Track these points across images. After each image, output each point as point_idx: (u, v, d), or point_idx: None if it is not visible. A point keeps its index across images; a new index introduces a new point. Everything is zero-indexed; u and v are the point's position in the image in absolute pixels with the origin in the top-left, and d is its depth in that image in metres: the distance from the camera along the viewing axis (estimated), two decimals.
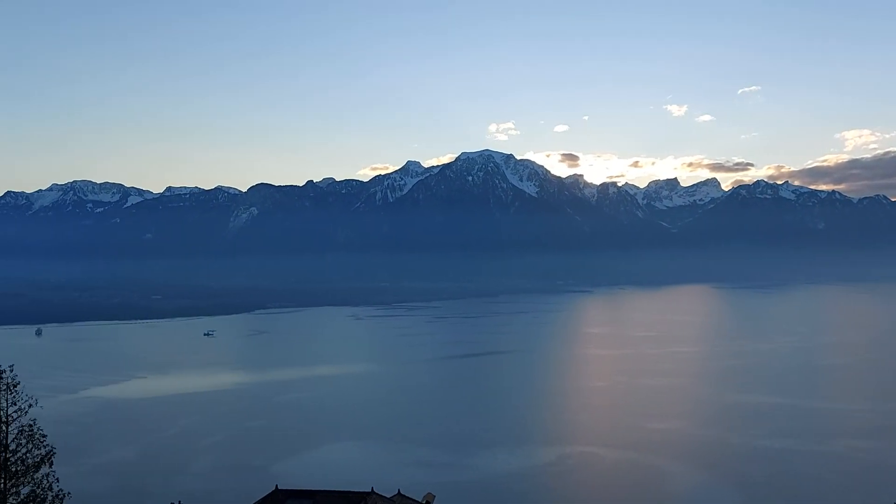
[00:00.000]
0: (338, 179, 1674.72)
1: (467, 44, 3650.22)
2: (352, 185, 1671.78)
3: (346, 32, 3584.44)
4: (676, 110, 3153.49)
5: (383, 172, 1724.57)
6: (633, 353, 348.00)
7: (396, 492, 65.04)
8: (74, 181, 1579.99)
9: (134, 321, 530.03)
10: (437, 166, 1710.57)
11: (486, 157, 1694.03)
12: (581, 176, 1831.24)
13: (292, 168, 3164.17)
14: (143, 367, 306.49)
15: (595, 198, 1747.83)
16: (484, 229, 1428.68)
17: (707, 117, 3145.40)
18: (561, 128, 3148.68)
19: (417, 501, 62.78)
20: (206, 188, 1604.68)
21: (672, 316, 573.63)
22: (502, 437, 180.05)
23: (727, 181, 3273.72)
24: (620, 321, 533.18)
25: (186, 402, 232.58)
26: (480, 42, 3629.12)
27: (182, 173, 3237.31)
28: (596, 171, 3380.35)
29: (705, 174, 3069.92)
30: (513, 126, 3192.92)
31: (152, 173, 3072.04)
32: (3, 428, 29.76)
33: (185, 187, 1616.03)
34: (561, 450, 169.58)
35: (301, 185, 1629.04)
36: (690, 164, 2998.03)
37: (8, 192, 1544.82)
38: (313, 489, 60.28)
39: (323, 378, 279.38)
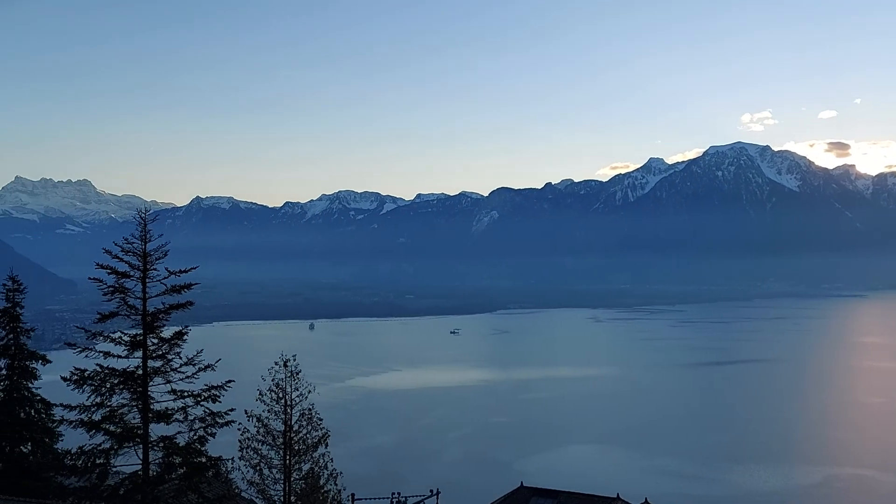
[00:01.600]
0: (576, 180, 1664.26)
1: (717, 32, 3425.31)
2: (590, 186, 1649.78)
3: (581, 28, 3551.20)
4: None
5: (623, 171, 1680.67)
6: None
7: (643, 500, 63.02)
8: (339, 191, 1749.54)
9: (390, 318, 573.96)
10: (682, 162, 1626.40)
11: (738, 149, 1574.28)
12: (852, 166, 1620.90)
13: (531, 171, 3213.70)
14: (398, 360, 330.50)
15: (870, 190, 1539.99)
16: (734, 228, 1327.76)
17: None
18: (827, 114, 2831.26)
19: None
20: (451, 194, 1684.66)
21: None
22: (759, 453, 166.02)
23: None
24: None
25: (436, 395, 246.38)
26: (733, 30, 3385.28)
27: (430, 180, 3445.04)
28: (870, 160, 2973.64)
29: None
30: (769, 115, 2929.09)
31: (405, 182, 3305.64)
32: (289, 410, 33.38)
33: (432, 194, 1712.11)
34: (829, 471, 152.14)
35: (539, 187, 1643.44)
36: None
37: (286, 203, 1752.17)
38: (557, 489, 60.59)
39: (564, 379, 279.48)
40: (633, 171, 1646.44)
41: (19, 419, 40.34)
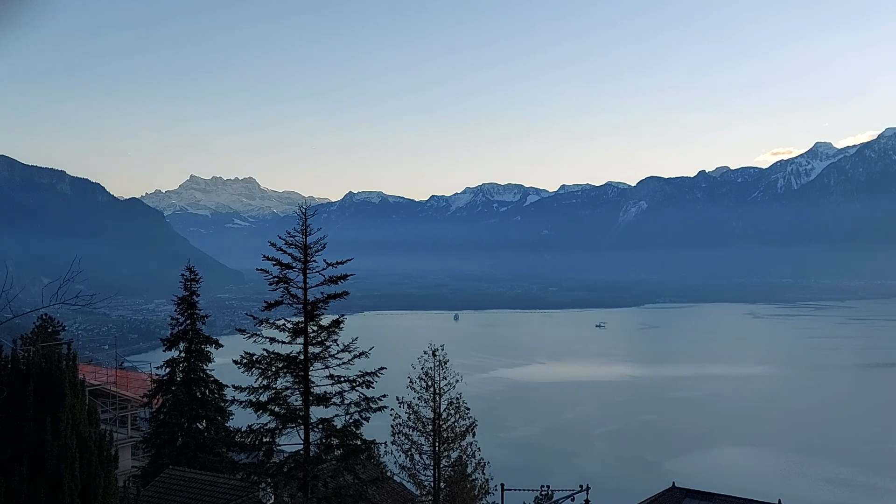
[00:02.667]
0: (732, 167, 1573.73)
1: None
2: (749, 173, 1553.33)
3: (740, 3, 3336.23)
4: None
5: (786, 157, 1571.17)
6: None
7: None
8: (483, 184, 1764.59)
9: (533, 310, 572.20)
10: (854, 146, 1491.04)
11: None
12: None
13: (683, 159, 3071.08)
14: (541, 353, 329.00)
15: None
16: None
17: None
18: None
19: None
20: (597, 184, 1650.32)
21: None
22: None
23: None
24: None
25: (581, 389, 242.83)
26: None
27: (575, 171, 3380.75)
28: None
29: None
30: None
31: (548, 173, 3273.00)
32: (437, 398, 34.07)
33: (577, 184, 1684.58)
34: None
35: (692, 175, 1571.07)
36: None
37: (432, 196, 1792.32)
38: (712, 491, 57.83)
39: (717, 378, 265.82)
40: (796, 157, 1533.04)
41: (196, 398, 44.12)
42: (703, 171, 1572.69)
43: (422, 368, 34.08)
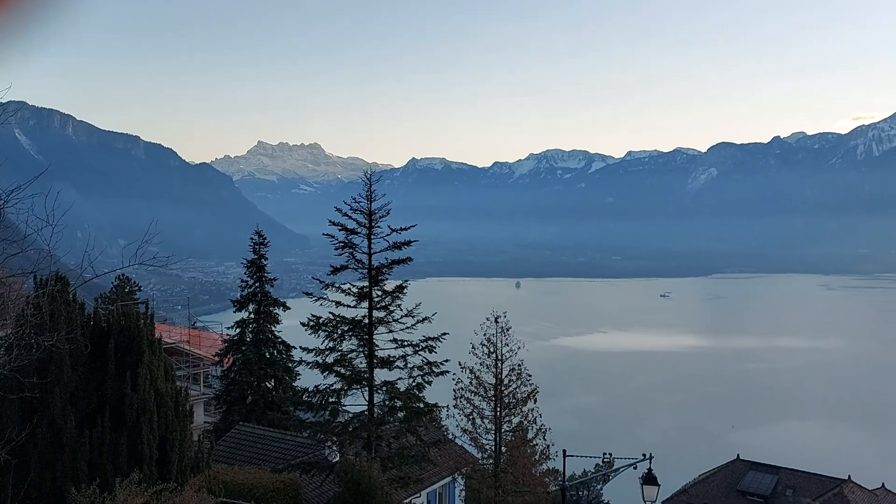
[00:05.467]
0: (809, 133, 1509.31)
1: None
2: (826, 139, 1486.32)
3: None
4: None
5: (867, 122, 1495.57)
6: None
7: (880, 485, 56.98)
8: (547, 150, 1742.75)
9: (596, 279, 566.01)
10: None
11: None
12: None
13: (756, 124, 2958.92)
14: (604, 321, 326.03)
15: None
16: None
17: None
18: None
19: None
20: (665, 150, 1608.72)
21: None
22: None
23: None
24: None
25: (645, 359, 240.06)
26: None
27: (643, 137, 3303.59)
28: None
29: None
30: None
31: (615, 139, 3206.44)
32: (499, 365, 34.26)
33: (644, 151, 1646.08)
34: None
35: (766, 141, 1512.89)
36: None
37: (495, 163, 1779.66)
38: (778, 465, 56.72)
39: (786, 350, 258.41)
40: (879, 122, 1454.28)
41: (265, 358, 45.56)
42: (778, 136, 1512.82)
43: (484, 335, 34.23)
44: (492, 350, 33.83)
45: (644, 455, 25.01)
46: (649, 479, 23.83)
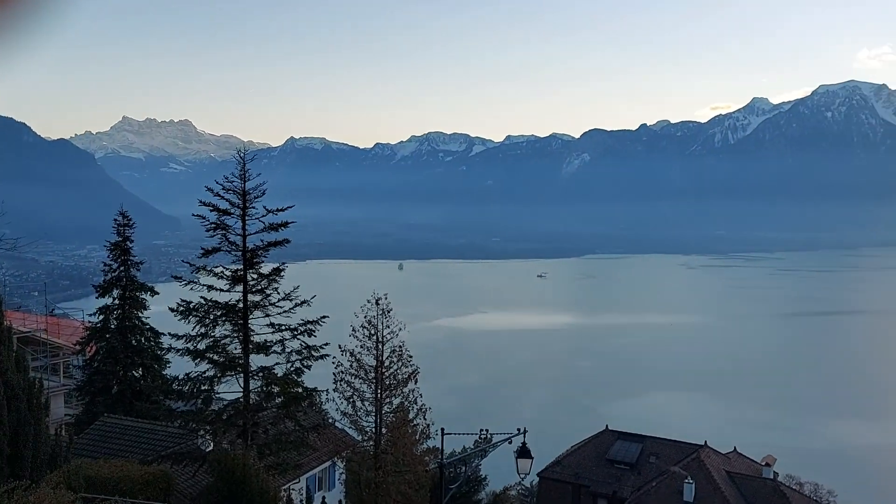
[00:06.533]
0: (673, 121, 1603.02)
1: None
2: (688, 127, 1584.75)
3: None
4: None
5: (724, 112, 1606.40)
6: None
7: (732, 449, 61.90)
8: (429, 133, 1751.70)
9: (477, 260, 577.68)
10: (789, 102, 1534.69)
11: (851, 88, 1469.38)
12: None
13: (625, 112, 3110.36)
14: (484, 302, 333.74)
15: None
16: (843, 173, 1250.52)
17: None
18: None
19: (755, 462, 59.01)
20: (542, 136, 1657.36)
21: None
22: (857, 407, 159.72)
23: None
24: None
25: (523, 337, 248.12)
26: None
27: (521, 122, 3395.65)
28: None
29: None
30: (890, 50, 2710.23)
31: (494, 123, 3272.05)
32: (380, 347, 34.16)
33: (522, 135, 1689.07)
34: None
35: (634, 129, 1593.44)
36: None
37: (377, 144, 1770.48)
38: (643, 434, 60.33)
39: (652, 326, 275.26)
40: (734, 112, 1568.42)
41: (131, 346, 43.25)
42: (645, 124, 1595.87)
43: (364, 317, 33.98)
44: (373, 332, 33.66)
45: (519, 430, 25.79)
46: (523, 452, 24.65)
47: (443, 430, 28.68)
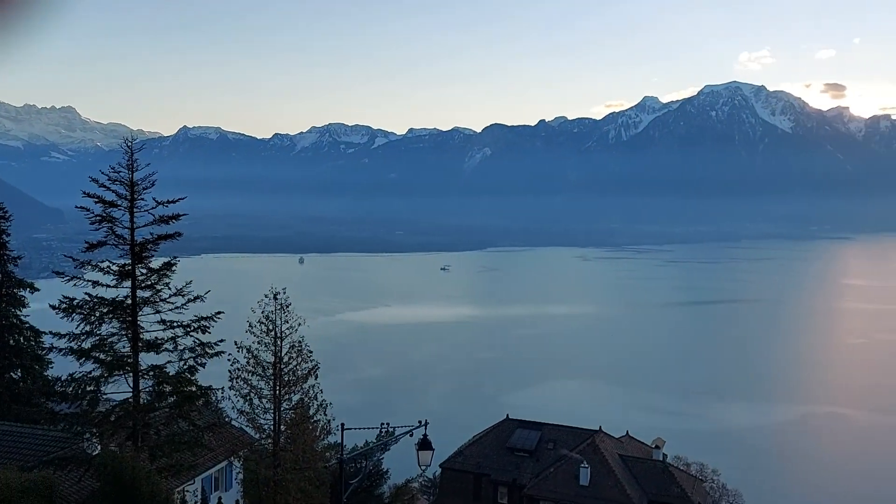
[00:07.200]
0: (570, 118, 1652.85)
1: None
2: (584, 124, 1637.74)
3: None
4: None
5: (618, 109, 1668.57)
6: None
7: (625, 433, 64.71)
8: (330, 124, 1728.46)
9: (380, 254, 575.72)
10: (677, 101, 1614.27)
11: (734, 89, 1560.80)
12: (846, 108, 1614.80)
13: (526, 107, 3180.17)
14: (388, 295, 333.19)
15: (862, 133, 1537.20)
16: (727, 169, 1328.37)
17: None
18: (825, 53, 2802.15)
19: (646, 445, 61.97)
20: (444, 129, 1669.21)
21: None
22: (739, 390, 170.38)
23: None
24: (886, 273, 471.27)
25: (426, 330, 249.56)
26: None
27: (423, 115, 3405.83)
28: (865, 102, 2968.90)
29: None
30: (768, 54, 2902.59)
31: (397, 116, 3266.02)
32: (278, 342, 33.53)
33: (425, 129, 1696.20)
34: (806, 408, 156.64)
35: (533, 124, 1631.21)
36: None
37: (275, 135, 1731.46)
38: (541, 422, 62.07)
39: (551, 317, 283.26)
40: (627, 110, 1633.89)
41: (8, 346, 40.51)
42: (544, 120, 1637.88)
43: (262, 312, 33.24)
44: (271, 328, 32.98)
45: (420, 422, 25.95)
46: (424, 444, 24.83)
47: (343, 425, 28.48)
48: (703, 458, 79.08)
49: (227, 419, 34.18)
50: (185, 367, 28.45)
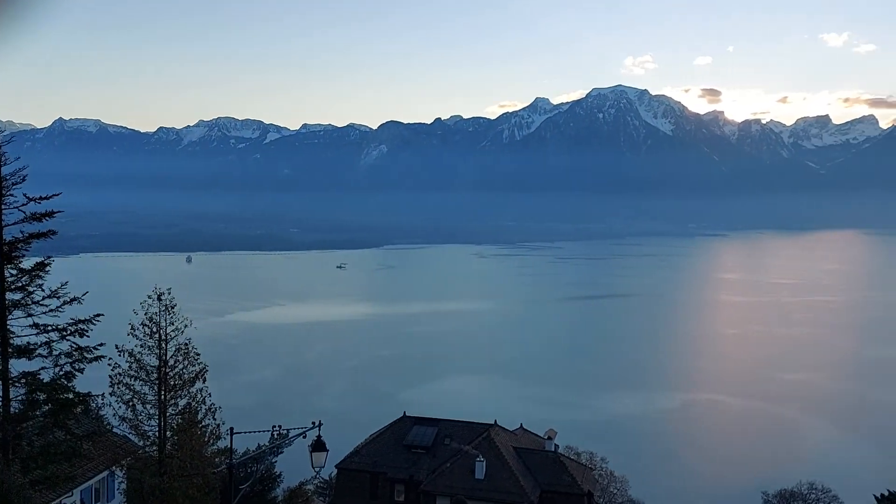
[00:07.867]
0: (465, 117, 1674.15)
1: None
2: (479, 123, 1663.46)
3: None
4: (834, 40, 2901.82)
5: (511, 110, 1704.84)
6: (769, 300, 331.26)
7: (519, 426, 66.39)
8: (219, 118, 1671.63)
9: (274, 252, 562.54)
10: (567, 103, 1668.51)
11: (619, 93, 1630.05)
12: (721, 113, 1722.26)
13: (422, 105, 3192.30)
14: (282, 295, 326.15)
15: (735, 136, 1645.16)
16: (613, 169, 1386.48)
17: (870, 47, 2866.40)
18: (703, 60, 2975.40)
19: (539, 436, 63.83)
20: (339, 125, 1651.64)
21: (815, 263, 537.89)
22: (625, 381, 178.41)
23: (887, 119, 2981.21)
24: (758, 267, 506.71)
25: (322, 329, 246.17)
26: None
27: (317, 111, 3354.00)
28: (739, 107, 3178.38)
29: (863, 110, 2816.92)
30: (651, 59, 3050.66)
31: (290, 111, 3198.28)
32: (163, 345, 32.28)
33: (319, 125, 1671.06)
34: (686, 396, 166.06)
35: (429, 122, 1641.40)
36: (847, 100, 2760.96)
37: (160, 128, 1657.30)
38: (438, 418, 62.65)
39: (448, 313, 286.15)
40: (520, 110, 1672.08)
41: None
42: (439, 118, 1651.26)
43: (146, 314, 31.84)
44: (155, 330, 31.66)
45: (314, 423, 25.64)
46: (317, 445, 24.57)
47: (232, 429, 27.70)
48: (592, 446, 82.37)
49: (108, 427, 32.52)
50: (60, 373, 26.88)
